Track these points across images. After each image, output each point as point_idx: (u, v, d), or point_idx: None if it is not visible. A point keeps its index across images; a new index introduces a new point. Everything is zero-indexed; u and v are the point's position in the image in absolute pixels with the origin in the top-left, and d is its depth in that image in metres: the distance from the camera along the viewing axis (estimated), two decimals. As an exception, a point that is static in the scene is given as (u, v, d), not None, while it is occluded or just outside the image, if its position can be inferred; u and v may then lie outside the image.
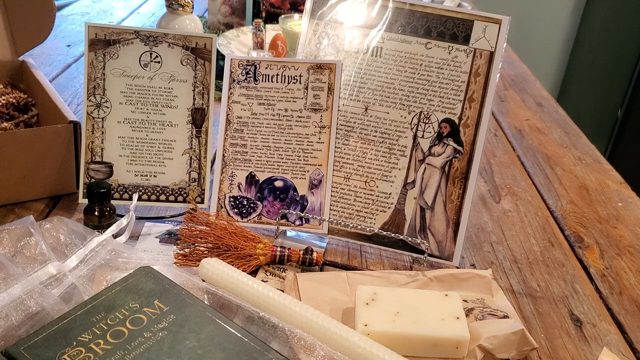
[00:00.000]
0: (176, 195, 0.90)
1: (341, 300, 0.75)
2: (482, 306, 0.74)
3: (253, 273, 0.80)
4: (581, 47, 2.98)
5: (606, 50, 2.75)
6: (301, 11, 1.32)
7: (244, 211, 0.88)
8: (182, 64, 0.88)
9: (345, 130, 0.88)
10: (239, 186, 0.88)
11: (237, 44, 1.42)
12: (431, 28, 0.86)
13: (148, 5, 1.84)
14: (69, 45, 1.50)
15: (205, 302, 0.68)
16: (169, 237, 0.86)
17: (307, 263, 0.81)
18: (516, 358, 0.69)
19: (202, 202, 0.90)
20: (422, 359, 0.67)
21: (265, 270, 0.81)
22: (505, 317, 0.72)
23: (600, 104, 2.73)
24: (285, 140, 0.88)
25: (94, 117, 0.88)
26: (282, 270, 0.81)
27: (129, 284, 0.67)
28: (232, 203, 0.88)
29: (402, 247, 0.86)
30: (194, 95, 0.89)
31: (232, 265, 0.75)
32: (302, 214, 0.87)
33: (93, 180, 0.88)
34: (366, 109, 0.87)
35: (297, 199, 0.88)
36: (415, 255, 0.86)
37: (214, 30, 1.60)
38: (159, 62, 0.88)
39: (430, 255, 0.86)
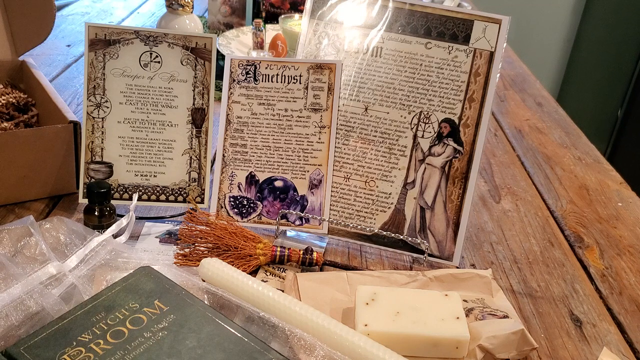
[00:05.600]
0: (176, 195, 0.90)
1: (341, 300, 0.75)
2: (482, 306, 0.74)
3: (253, 273, 0.80)
4: (581, 47, 2.98)
5: (606, 50, 2.75)
6: (301, 11, 1.32)
7: (244, 211, 0.88)
8: (182, 64, 0.88)
9: (345, 130, 0.88)
10: (239, 186, 0.88)
11: (237, 44, 1.42)
12: (431, 28, 0.86)
13: (148, 5, 1.84)
14: (69, 45, 1.50)
15: (205, 302, 0.68)
16: (169, 237, 0.86)
17: (307, 263, 0.81)
18: (516, 358, 0.69)
19: (202, 202, 0.90)
20: (422, 359, 0.67)
21: (265, 270, 0.81)
22: (505, 317, 0.72)
23: (600, 104, 2.73)
24: (285, 140, 0.88)
25: (94, 117, 0.88)
26: (282, 270, 0.81)
27: (129, 284, 0.67)
28: (232, 203, 0.88)
29: (402, 247, 0.86)
30: (194, 95, 0.89)
31: (232, 265, 0.75)
32: (302, 214, 0.87)
33: (93, 180, 0.88)
34: (366, 109, 0.87)
35: (297, 199, 0.88)
36: (415, 255, 0.86)
37: (214, 30, 1.60)
38: (159, 62, 0.88)
39: (430, 255, 0.85)
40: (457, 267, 0.85)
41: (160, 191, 0.90)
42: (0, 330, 0.63)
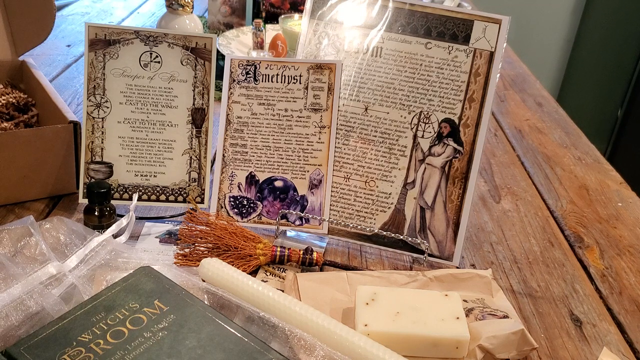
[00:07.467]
0: (176, 195, 0.90)
1: (341, 300, 0.74)
2: (482, 306, 0.74)
3: (253, 273, 0.80)
4: (581, 47, 2.98)
5: (606, 50, 2.75)
6: (301, 11, 1.32)
7: (244, 211, 0.88)
8: (182, 64, 0.88)
9: (345, 130, 0.88)
10: (239, 186, 0.88)
11: (237, 44, 1.42)
12: (431, 28, 0.86)
13: (148, 5, 1.84)
14: (69, 45, 1.50)
15: (205, 302, 0.68)
16: (169, 237, 0.86)
17: (307, 263, 0.81)
18: (516, 358, 0.69)
19: (202, 202, 0.90)
20: (422, 359, 0.67)
21: (265, 270, 0.81)
22: (505, 317, 0.72)
23: (600, 104, 2.73)
24: (285, 140, 0.88)
25: (94, 117, 0.88)
26: (282, 270, 0.81)
27: (129, 284, 0.67)
28: (232, 203, 0.88)
29: (402, 247, 0.86)
30: (194, 95, 0.89)
31: (232, 265, 0.75)
32: (302, 214, 0.87)
33: (93, 180, 0.88)
34: (366, 109, 0.87)
35: (297, 199, 0.88)
36: (415, 255, 0.86)
37: (214, 30, 1.60)
38: (159, 62, 0.88)
39: (430, 255, 0.85)
40: (457, 267, 0.85)
41: (160, 191, 0.90)
42: (0, 330, 0.63)
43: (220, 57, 1.25)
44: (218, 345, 0.60)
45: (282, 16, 1.49)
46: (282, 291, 0.71)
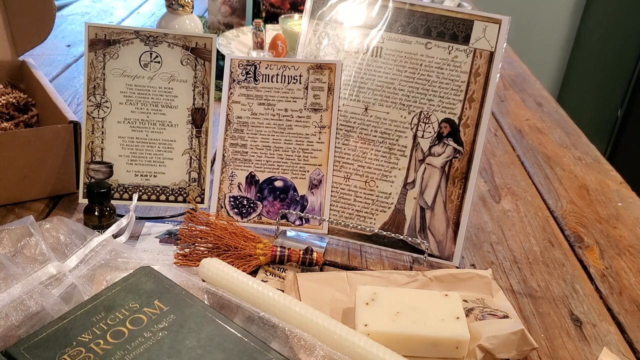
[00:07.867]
0: (176, 195, 0.90)
1: (341, 300, 0.75)
2: (482, 306, 0.74)
3: (253, 273, 0.80)
4: (581, 47, 2.98)
5: (606, 50, 2.75)
6: (301, 11, 1.32)
7: (244, 211, 0.88)
8: (182, 64, 0.88)
9: (345, 130, 0.88)
10: (239, 186, 0.88)
11: (237, 44, 1.42)
12: (431, 28, 0.86)
13: (148, 5, 1.84)
14: (69, 45, 1.50)
15: (205, 302, 0.68)
16: (169, 237, 0.86)
17: (307, 263, 0.81)
18: (516, 358, 0.69)
19: (202, 202, 0.90)
20: (422, 359, 0.67)
21: (265, 270, 0.81)
22: (505, 317, 0.72)
23: (600, 104, 2.73)
24: (285, 140, 0.88)
25: (94, 117, 0.88)
26: (282, 270, 0.81)
27: (129, 284, 0.67)
28: (232, 203, 0.88)
29: (402, 247, 0.86)
30: (194, 95, 0.89)
31: (232, 265, 0.75)
32: (302, 214, 0.87)
33: (93, 180, 0.88)
34: (366, 109, 0.87)
35: (297, 199, 0.88)
36: (415, 255, 0.86)
37: (214, 30, 1.60)
38: (159, 62, 0.88)
39: (430, 255, 0.86)
40: (457, 267, 0.85)
41: (160, 191, 0.90)
42: (0, 330, 0.63)
43: (220, 57, 1.25)
44: (218, 345, 0.60)
45: (282, 16, 1.49)
46: (282, 291, 0.71)
